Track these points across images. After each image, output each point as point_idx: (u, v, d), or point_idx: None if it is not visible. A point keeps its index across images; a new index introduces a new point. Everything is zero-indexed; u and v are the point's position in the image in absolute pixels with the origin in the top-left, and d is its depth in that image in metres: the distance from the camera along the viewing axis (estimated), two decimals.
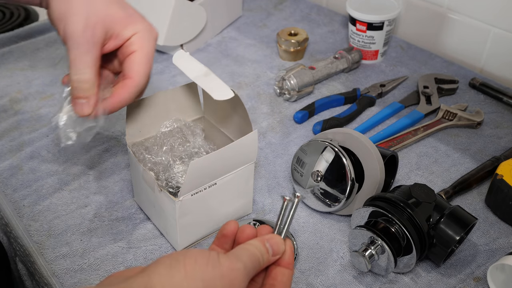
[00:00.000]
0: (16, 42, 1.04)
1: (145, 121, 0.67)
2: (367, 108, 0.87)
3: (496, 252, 0.64)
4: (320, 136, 0.69)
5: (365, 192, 0.65)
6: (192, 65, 0.62)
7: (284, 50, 0.98)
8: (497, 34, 0.93)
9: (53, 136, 0.80)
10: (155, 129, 0.68)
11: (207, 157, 0.57)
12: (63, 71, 0.95)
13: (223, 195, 0.63)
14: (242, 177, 0.63)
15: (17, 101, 0.88)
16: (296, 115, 0.84)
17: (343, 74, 0.96)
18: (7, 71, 0.95)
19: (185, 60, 0.63)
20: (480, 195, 0.72)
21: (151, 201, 0.63)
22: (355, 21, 0.94)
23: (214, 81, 0.60)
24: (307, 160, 0.67)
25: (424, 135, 0.81)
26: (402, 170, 0.75)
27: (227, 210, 0.65)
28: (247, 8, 1.16)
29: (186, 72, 0.62)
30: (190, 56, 0.63)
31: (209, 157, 0.57)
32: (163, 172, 0.64)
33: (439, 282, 0.60)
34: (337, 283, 0.60)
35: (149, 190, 0.62)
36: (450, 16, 0.98)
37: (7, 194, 0.71)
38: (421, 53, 1.01)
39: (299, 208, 0.70)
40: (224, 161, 0.59)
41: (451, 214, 0.59)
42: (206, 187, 0.60)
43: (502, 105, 0.88)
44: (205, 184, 0.59)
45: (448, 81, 0.91)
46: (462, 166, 0.76)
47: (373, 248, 0.58)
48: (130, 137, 0.66)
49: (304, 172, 0.67)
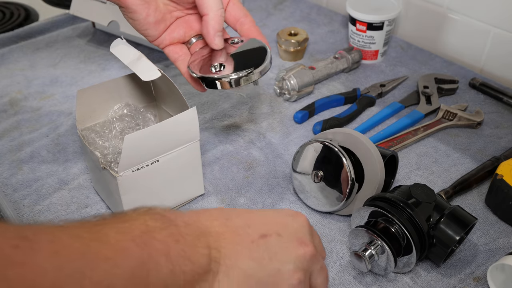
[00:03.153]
0: (16, 42, 1.04)
1: (96, 106, 0.68)
2: (367, 108, 0.87)
3: (496, 252, 0.64)
4: (320, 136, 0.69)
5: (365, 192, 0.65)
6: (127, 51, 0.64)
7: (284, 50, 0.98)
8: (497, 34, 0.93)
9: (53, 136, 0.80)
10: (106, 114, 0.69)
11: (142, 131, 0.58)
12: (63, 71, 0.95)
13: (168, 173, 0.64)
14: (187, 156, 0.64)
15: (17, 101, 0.88)
16: (296, 115, 0.84)
17: (343, 74, 0.96)
18: (7, 71, 0.95)
19: (121, 47, 0.65)
20: (480, 195, 0.72)
21: (101, 182, 0.65)
22: (355, 21, 0.94)
23: (144, 63, 0.62)
24: (307, 160, 0.67)
25: (424, 135, 0.81)
26: (402, 170, 0.75)
27: (174, 190, 0.66)
28: (247, 8, 1.16)
29: (121, 58, 0.64)
30: (126, 43, 0.65)
31: (144, 132, 0.58)
32: (112, 154, 0.65)
33: (439, 282, 0.60)
34: (337, 283, 0.60)
35: (98, 170, 0.64)
36: (450, 16, 0.98)
37: (7, 194, 0.71)
38: (421, 53, 1.01)
39: (299, 208, 0.70)
40: (163, 137, 0.60)
41: (451, 214, 0.59)
42: (148, 164, 0.61)
43: (502, 105, 0.88)
44: (146, 160, 0.60)
45: (448, 81, 0.91)
46: (462, 166, 0.76)
47: (373, 248, 0.58)
48: (80, 122, 0.67)
49: (304, 172, 0.67)
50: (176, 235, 0.40)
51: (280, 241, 0.44)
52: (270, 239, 0.44)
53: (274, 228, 0.45)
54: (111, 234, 0.37)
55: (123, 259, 0.36)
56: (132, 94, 0.71)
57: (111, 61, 0.98)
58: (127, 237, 0.37)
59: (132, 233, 0.38)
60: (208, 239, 0.42)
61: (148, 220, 0.40)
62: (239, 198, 0.71)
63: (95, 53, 1.01)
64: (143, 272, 0.37)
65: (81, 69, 0.96)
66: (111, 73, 0.95)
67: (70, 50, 1.01)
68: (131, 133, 0.57)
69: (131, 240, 0.37)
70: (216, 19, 0.59)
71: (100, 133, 0.68)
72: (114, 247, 0.36)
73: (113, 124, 0.68)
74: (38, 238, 0.34)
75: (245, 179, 0.74)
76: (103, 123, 0.69)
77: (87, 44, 1.03)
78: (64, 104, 0.88)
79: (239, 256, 0.43)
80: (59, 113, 0.86)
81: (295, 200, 0.71)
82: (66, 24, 1.09)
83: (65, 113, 0.86)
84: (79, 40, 1.05)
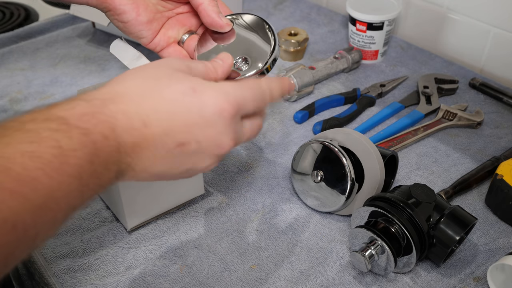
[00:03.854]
0: (16, 42, 1.04)
1: None
2: (367, 108, 0.87)
3: (496, 252, 0.64)
4: (320, 136, 0.69)
5: (365, 192, 0.65)
6: (127, 51, 0.63)
7: (284, 50, 0.98)
8: (497, 34, 0.93)
9: None
10: None
11: None
12: (63, 71, 0.95)
13: None
14: None
15: (17, 101, 0.88)
16: (296, 115, 0.84)
17: (343, 74, 0.96)
18: (7, 71, 0.95)
19: (120, 47, 0.64)
20: (480, 195, 0.72)
21: None
22: (355, 21, 0.94)
23: (143, 63, 0.61)
24: (307, 160, 0.67)
25: (424, 135, 0.81)
26: (402, 170, 0.75)
27: (174, 190, 0.66)
28: (247, 8, 1.16)
29: (120, 58, 0.63)
30: (126, 44, 0.63)
31: None
32: None
33: (439, 282, 0.60)
34: (337, 283, 0.60)
35: None
36: (450, 16, 0.98)
37: None
38: (421, 53, 1.01)
39: (299, 208, 0.70)
40: None
41: (451, 214, 0.59)
42: None
43: (502, 105, 0.88)
44: None
45: (448, 81, 0.91)
46: (462, 166, 0.76)
47: (373, 248, 0.58)
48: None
49: (304, 172, 0.67)
50: (91, 156, 0.37)
51: (197, 148, 0.44)
52: (188, 147, 0.43)
53: (193, 135, 0.43)
54: (17, 159, 0.33)
55: (31, 191, 0.33)
56: None
57: (111, 61, 0.98)
58: (36, 165, 0.34)
59: (41, 158, 0.34)
60: (121, 155, 0.40)
61: (60, 138, 0.36)
62: (239, 198, 0.71)
63: (95, 53, 1.01)
64: (52, 202, 0.35)
65: (81, 69, 0.96)
66: (111, 73, 0.95)
67: (70, 50, 1.01)
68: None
69: (40, 169, 0.34)
70: (213, 3, 0.58)
71: None
72: (21, 178, 0.33)
73: None
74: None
75: (245, 179, 0.74)
76: None
77: (87, 44, 1.03)
78: None
79: (149, 164, 0.42)
80: None
81: (295, 200, 0.71)
82: (66, 24, 1.09)
83: None
84: (79, 40, 1.05)
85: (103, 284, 0.59)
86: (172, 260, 0.62)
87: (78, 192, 0.37)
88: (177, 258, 0.63)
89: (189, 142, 0.43)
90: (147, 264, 0.62)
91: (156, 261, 0.62)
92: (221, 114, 0.44)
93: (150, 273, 0.61)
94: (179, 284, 0.60)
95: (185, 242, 0.65)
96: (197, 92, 0.43)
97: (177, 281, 0.60)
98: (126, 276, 0.60)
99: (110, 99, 0.41)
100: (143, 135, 0.41)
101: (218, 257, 0.63)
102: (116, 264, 0.62)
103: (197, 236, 0.66)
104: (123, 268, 0.61)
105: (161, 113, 0.42)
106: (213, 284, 0.60)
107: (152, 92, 0.42)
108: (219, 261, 0.62)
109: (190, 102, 0.43)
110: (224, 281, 0.60)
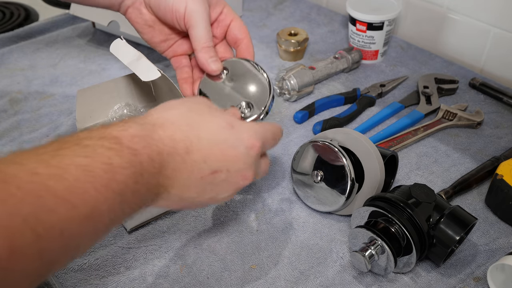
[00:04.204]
0: (16, 42, 1.04)
1: (96, 106, 0.68)
2: (367, 108, 0.87)
3: (496, 252, 0.64)
4: (320, 136, 0.69)
5: (365, 192, 0.65)
6: (127, 51, 0.64)
7: (284, 50, 0.98)
8: (497, 34, 0.93)
9: (53, 136, 0.80)
10: (106, 114, 0.69)
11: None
12: (63, 71, 0.95)
13: None
14: None
15: (17, 101, 0.88)
16: (296, 115, 0.84)
17: (343, 74, 0.96)
18: (7, 71, 0.95)
19: (120, 47, 0.65)
20: (480, 195, 0.72)
21: None
22: (355, 21, 0.94)
23: (143, 64, 0.62)
24: (307, 160, 0.67)
25: (424, 135, 0.81)
26: (402, 170, 0.75)
27: None
28: (247, 8, 1.16)
29: (120, 58, 0.64)
30: (126, 44, 0.65)
31: None
32: None
33: (439, 282, 0.60)
34: (337, 283, 0.60)
35: None
36: (450, 16, 0.98)
37: None
38: (421, 53, 1.01)
39: (299, 208, 0.70)
40: None
41: (451, 214, 0.59)
42: None
43: (502, 105, 0.88)
44: None
45: (448, 81, 0.91)
46: (462, 166, 0.76)
47: (373, 248, 0.58)
48: (80, 122, 0.67)
49: (304, 172, 0.67)
50: (137, 175, 0.40)
51: (227, 177, 0.48)
52: (219, 175, 0.48)
53: (227, 163, 0.48)
54: (72, 171, 0.36)
55: (80, 201, 0.36)
56: (132, 94, 0.71)
57: (111, 61, 0.98)
58: (87, 178, 0.37)
59: (93, 172, 0.37)
60: (162, 177, 0.44)
61: (112, 156, 0.39)
62: (239, 198, 0.71)
63: (95, 53, 1.01)
64: (97, 214, 0.37)
65: (81, 69, 0.96)
66: (111, 73, 0.95)
67: (70, 50, 1.01)
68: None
69: (90, 182, 0.37)
70: (204, 50, 0.64)
71: None
72: (72, 187, 0.35)
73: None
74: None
75: None
76: (103, 123, 0.69)
77: (87, 44, 1.03)
78: (64, 104, 0.88)
79: (182, 188, 0.46)
80: (59, 113, 0.86)
81: (295, 200, 0.71)
82: (66, 24, 1.09)
83: (65, 113, 0.86)
84: (79, 40, 1.05)
85: (103, 284, 0.59)
86: (172, 260, 0.62)
87: (120, 208, 0.39)
88: (177, 258, 0.63)
89: (221, 170, 0.48)
90: (147, 264, 0.62)
91: (156, 261, 0.62)
92: (251, 149, 0.50)
93: (150, 273, 0.61)
94: (179, 284, 0.60)
95: (185, 242, 0.65)
96: (234, 128, 0.50)
97: (177, 281, 0.60)
98: (126, 276, 0.60)
99: (160, 125, 0.45)
100: (183, 160, 0.45)
101: (218, 257, 0.63)
102: (116, 264, 0.62)
103: (197, 236, 0.66)
104: (123, 268, 0.61)
105: (203, 141, 0.47)
106: (213, 284, 0.60)
107: (197, 123, 0.48)
108: (219, 261, 0.62)
109: (228, 135, 0.49)
110: (224, 281, 0.60)
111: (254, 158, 0.50)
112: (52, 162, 0.36)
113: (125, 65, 0.64)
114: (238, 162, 0.49)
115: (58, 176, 0.35)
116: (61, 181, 0.35)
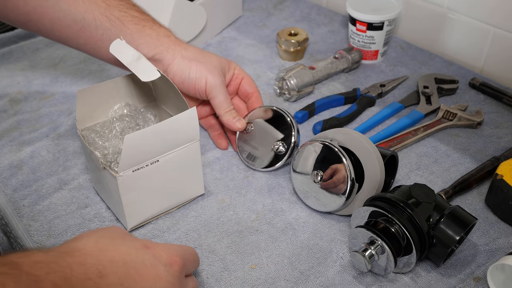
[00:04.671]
0: (16, 42, 1.04)
1: (96, 106, 0.68)
2: (367, 108, 0.87)
3: (496, 252, 0.64)
4: (320, 136, 0.69)
5: (365, 192, 0.65)
6: (127, 51, 0.65)
7: (284, 50, 0.98)
8: (497, 34, 0.93)
9: (53, 136, 0.80)
10: (106, 114, 0.69)
11: (142, 131, 0.58)
12: (63, 71, 0.95)
13: (168, 173, 0.64)
14: (187, 156, 0.64)
15: (17, 101, 0.88)
16: (296, 115, 0.84)
17: (343, 74, 0.96)
18: (7, 71, 0.95)
19: (120, 47, 0.66)
20: (480, 195, 0.72)
21: (101, 182, 0.65)
22: (355, 21, 0.94)
23: (143, 64, 0.63)
24: (307, 160, 0.67)
25: (424, 135, 0.81)
26: (402, 170, 0.75)
27: (174, 190, 0.66)
28: (247, 8, 1.16)
29: (120, 59, 0.64)
30: (126, 44, 0.66)
31: (144, 132, 0.58)
32: (112, 154, 0.65)
33: (439, 282, 0.60)
34: (337, 283, 0.60)
35: (98, 170, 0.64)
36: (450, 16, 0.98)
37: (7, 194, 0.71)
38: (421, 53, 1.01)
39: (299, 209, 0.70)
40: (163, 137, 0.60)
41: (451, 214, 0.59)
42: (148, 164, 0.61)
43: (502, 105, 0.88)
44: (146, 160, 0.60)
45: (448, 81, 0.91)
46: (462, 166, 0.76)
47: (373, 248, 0.58)
48: (80, 122, 0.67)
49: (304, 172, 0.67)
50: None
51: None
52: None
53: (147, 284, 0.46)
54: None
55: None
56: (132, 94, 0.71)
57: None
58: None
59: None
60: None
61: (7, 282, 0.38)
62: (239, 198, 0.71)
63: None
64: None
65: (81, 69, 0.96)
66: (111, 73, 0.95)
67: (70, 50, 1.01)
68: (131, 133, 0.57)
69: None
70: (227, 114, 0.74)
71: (100, 133, 0.68)
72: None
73: (113, 124, 0.68)
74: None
75: (245, 179, 0.74)
76: (103, 123, 0.69)
77: None
78: (64, 104, 0.88)
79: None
80: (59, 113, 0.86)
81: (295, 200, 0.71)
82: None
83: (65, 113, 0.86)
84: None
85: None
86: None
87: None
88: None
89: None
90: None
91: None
92: (171, 266, 0.49)
93: None
94: None
95: (185, 242, 0.65)
96: (149, 248, 0.49)
97: None
98: None
99: (67, 253, 0.44)
100: (96, 285, 0.43)
101: (218, 257, 0.63)
102: None
103: (197, 236, 0.66)
104: None
105: (118, 263, 0.46)
106: (213, 284, 0.60)
107: (108, 247, 0.47)
108: (219, 261, 0.62)
109: (145, 255, 0.48)
110: (224, 281, 0.60)
111: (177, 275, 0.49)
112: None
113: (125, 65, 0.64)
114: (160, 281, 0.47)
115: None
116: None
